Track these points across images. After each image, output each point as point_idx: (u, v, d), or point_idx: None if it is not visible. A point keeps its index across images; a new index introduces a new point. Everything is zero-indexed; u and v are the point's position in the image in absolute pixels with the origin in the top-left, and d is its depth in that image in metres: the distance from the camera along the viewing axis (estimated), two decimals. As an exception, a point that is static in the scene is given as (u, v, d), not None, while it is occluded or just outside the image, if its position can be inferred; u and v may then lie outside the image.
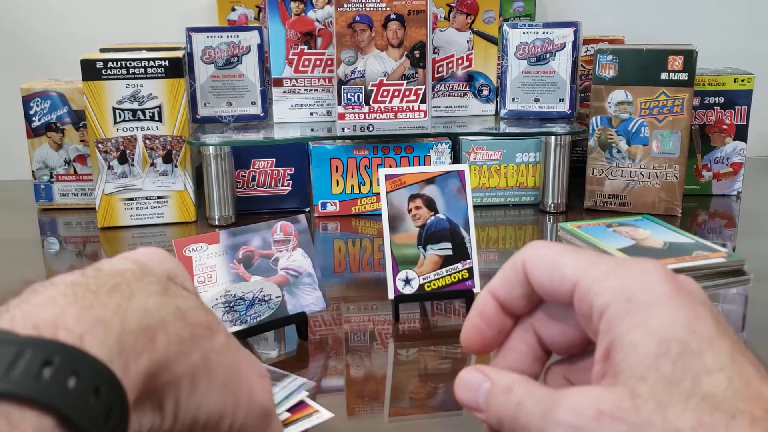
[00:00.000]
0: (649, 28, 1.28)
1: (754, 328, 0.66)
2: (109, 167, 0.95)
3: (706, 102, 1.06)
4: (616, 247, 0.70)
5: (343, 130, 0.99)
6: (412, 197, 0.66)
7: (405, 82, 0.99)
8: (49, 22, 1.23)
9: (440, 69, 1.09)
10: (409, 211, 0.66)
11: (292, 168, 1.01)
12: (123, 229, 0.96)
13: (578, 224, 0.77)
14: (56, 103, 1.02)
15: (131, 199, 0.96)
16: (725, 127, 1.07)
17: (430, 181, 0.66)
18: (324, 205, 1.00)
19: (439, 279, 0.66)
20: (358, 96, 0.99)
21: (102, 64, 0.91)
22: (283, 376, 0.50)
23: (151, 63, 0.92)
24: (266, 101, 1.05)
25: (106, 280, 0.29)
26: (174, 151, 0.96)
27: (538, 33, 1.05)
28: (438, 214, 0.66)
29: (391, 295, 0.65)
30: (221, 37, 1.02)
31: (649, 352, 0.26)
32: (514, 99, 1.08)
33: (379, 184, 0.77)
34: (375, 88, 0.99)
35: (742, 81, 1.05)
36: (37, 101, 1.02)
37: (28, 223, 1.02)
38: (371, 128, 0.99)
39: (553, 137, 0.99)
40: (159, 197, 0.97)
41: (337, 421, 0.49)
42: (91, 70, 0.91)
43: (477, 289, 0.66)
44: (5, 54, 1.23)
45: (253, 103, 1.04)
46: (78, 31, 1.22)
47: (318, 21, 1.02)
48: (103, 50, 1.02)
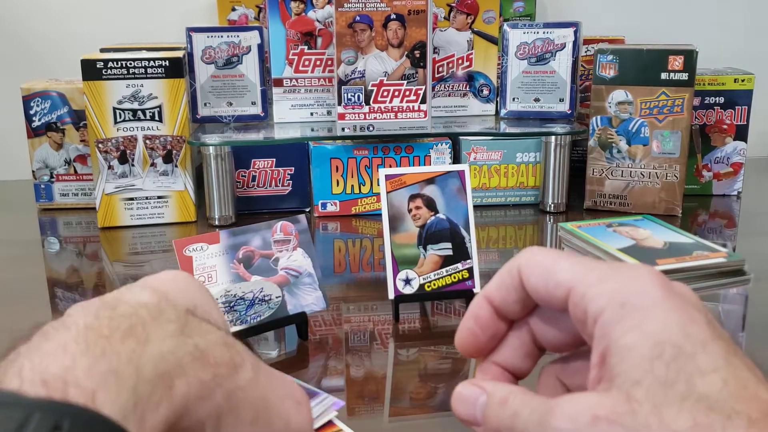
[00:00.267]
0: (650, 28, 1.28)
1: (754, 328, 0.66)
2: (110, 167, 0.95)
3: (707, 102, 1.06)
4: (617, 247, 0.70)
5: (344, 130, 0.99)
6: (413, 197, 0.66)
7: (405, 82, 0.99)
8: (49, 22, 1.23)
9: (440, 69, 1.09)
10: (410, 211, 0.66)
11: (292, 168, 1.01)
12: (123, 229, 0.96)
13: (578, 224, 0.77)
14: (56, 103, 1.02)
15: (131, 199, 0.96)
16: (725, 127, 1.07)
17: (431, 181, 0.66)
18: (324, 205, 1.00)
19: (439, 279, 0.66)
20: (359, 96, 0.99)
21: (102, 64, 0.91)
22: (314, 394, 0.49)
23: (152, 63, 0.92)
24: (266, 101, 1.05)
25: (120, 322, 0.27)
26: (174, 151, 0.96)
27: (538, 33, 1.05)
28: (438, 214, 0.66)
29: (391, 295, 0.65)
30: (221, 37, 1.02)
31: (643, 356, 0.26)
32: (514, 99, 1.08)
33: (379, 184, 0.77)
34: (375, 88, 0.99)
35: (743, 81, 1.05)
36: (38, 101, 1.02)
37: (28, 223, 1.02)
38: (371, 128, 0.99)
39: (553, 137, 0.99)
40: (159, 197, 0.97)
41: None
42: (92, 70, 0.91)
43: (477, 289, 0.66)
44: (5, 54, 1.23)
45: (254, 103, 1.04)
46: (78, 31, 1.22)
47: (318, 21, 1.02)
48: (103, 50, 1.02)
